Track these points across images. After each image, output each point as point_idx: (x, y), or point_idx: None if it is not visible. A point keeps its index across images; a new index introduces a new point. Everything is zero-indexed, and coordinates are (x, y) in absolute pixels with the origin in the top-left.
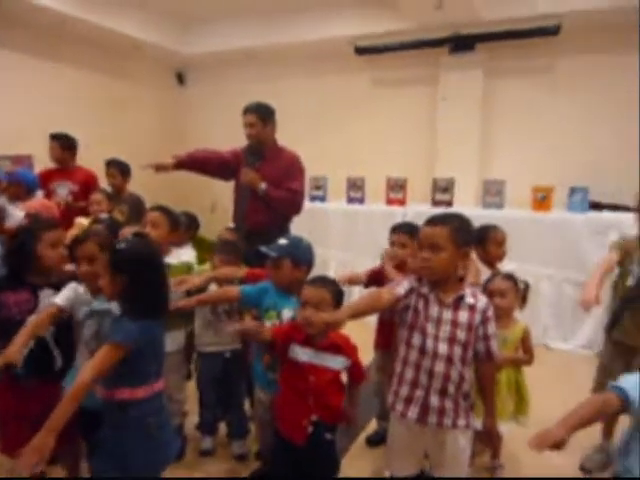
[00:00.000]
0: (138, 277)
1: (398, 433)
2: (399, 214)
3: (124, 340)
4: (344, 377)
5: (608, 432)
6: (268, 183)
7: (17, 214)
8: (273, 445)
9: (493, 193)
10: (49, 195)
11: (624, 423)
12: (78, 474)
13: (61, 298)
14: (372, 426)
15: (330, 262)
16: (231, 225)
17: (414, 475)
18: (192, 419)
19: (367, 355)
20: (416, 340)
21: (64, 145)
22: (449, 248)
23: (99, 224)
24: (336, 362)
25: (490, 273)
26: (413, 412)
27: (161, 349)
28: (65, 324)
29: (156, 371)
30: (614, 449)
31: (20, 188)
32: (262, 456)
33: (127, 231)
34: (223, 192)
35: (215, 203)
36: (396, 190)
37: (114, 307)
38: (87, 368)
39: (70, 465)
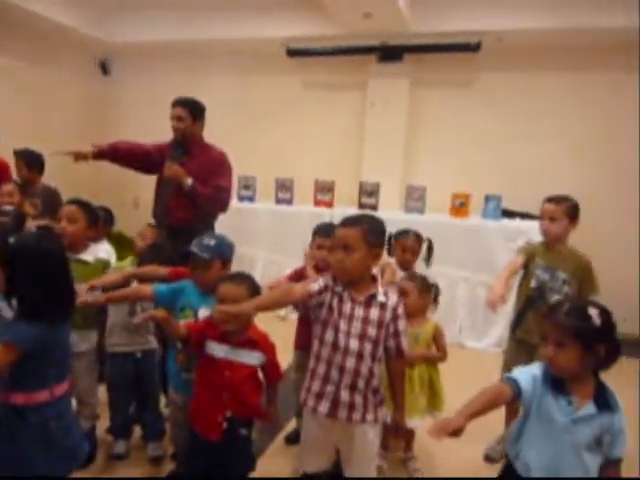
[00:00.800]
0: (27, 273)
1: (310, 428)
2: (326, 216)
3: (14, 341)
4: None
5: (509, 423)
6: (194, 179)
7: None
8: (188, 444)
9: (415, 198)
10: None
11: None
12: None
13: None
14: (292, 425)
15: (258, 262)
16: (152, 222)
17: (325, 470)
18: (105, 423)
19: (289, 355)
20: (329, 336)
21: None
22: (361, 248)
23: (3, 216)
24: (252, 358)
25: (403, 275)
26: (324, 407)
27: (63, 352)
28: None
29: (57, 375)
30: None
31: None
32: (177, 457)
33: (31, 224)
34: (147, 187)
35: (138, 198)
36: (324, 192)
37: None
38: None
39: None
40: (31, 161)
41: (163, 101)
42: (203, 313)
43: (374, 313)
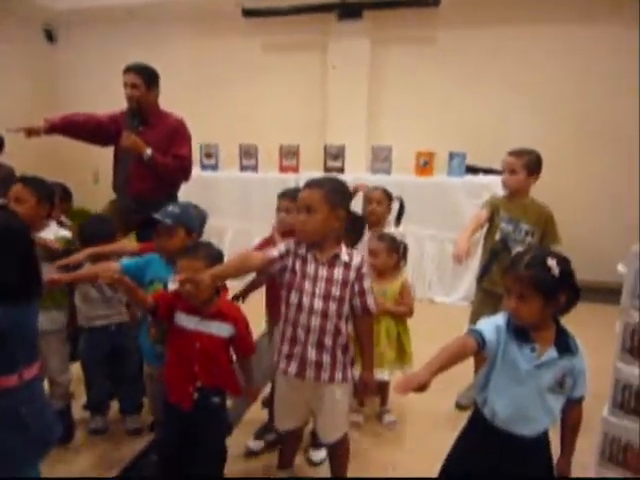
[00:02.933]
0: None
1: (281, 389)
2: (292, 181)
3: None
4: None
5: (479, 372)
6: (152, 149)
7: None
8: (163, 413)
9: (381, 159)
10: None
11: None
12: None
13: None
14: (268, 388)
15: (226, 232)
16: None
17: (298, 427)
18: (80, 401)
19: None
20: (294, 298)
21: None
22: (323, 210)
23: None
24: (221, 329)
25: (370, 234)
26: (293, 367)
27: (31, 333)
28: None
29: (26, 357)
30: (475, 385)
31: None
32: (155, 428)
33: None
34: (106, 161)
35: (97, 173)
36: (289, 157)
37: None
38: None
39: None
40: None
41: (115, 69)
42: (172, 285)
43: (338, 273)
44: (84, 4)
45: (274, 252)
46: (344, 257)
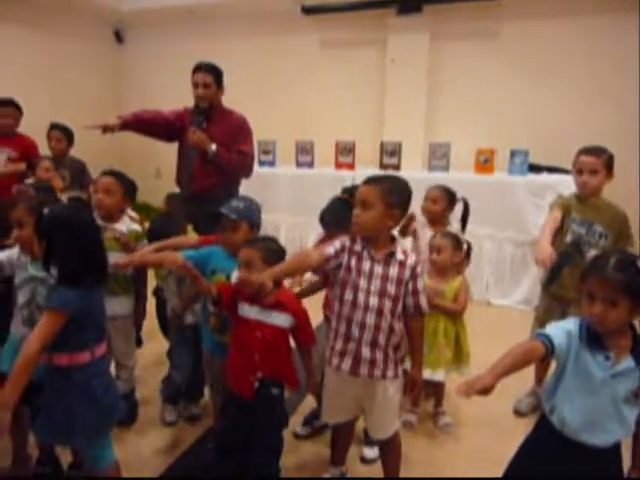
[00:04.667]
0: (61, 242)
1: (332, 384)
2: (348, 178)
3: (61, 306)
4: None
5: (539, 378)
6: (217, 145)
7: None
8: (223, 402)
9: (439, 156)
10: None
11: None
12: (26, 442)
13: (2, 254)
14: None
15: (280, 226)
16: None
17: (348, 421)
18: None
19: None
20: (348, 295)
21: (16, 110)
22: (378, 206)
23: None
24: (281, 319)
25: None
26: (346, 364)
27: (100, 315)
28: None
29: (96, 337)
30: (541, 392)
31: None
32: (215, 414)
33: (63, 196)
34: (168, 157)
35: (160, 168)
36: (345, 154)
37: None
38: (31, 339)
39: (15, 437)
40: (67, 134)
41: (176, 67)
42: (236, 276)
43: (393, 271)
44: (148, 5)
45: (330, 249)
46: (399, 255)
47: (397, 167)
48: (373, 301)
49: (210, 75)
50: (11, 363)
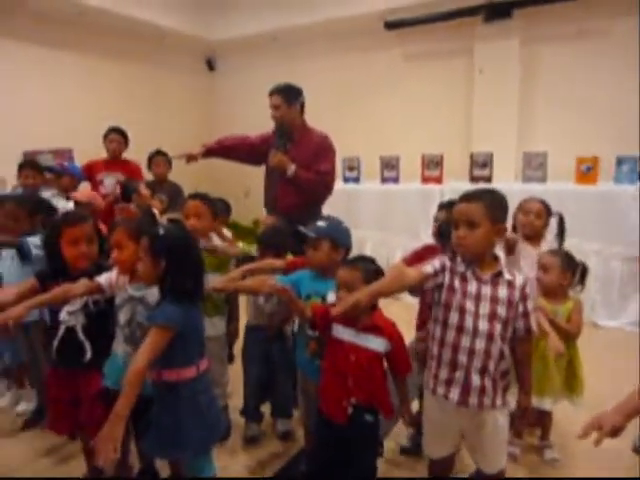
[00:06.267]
0: (177, 261)
1: (433, 414)
2: (436, 192)
3: (168, 322)
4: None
5: None
6: (298, 165)
7: (64, 205)
8: (316, 425)
9: (534, 166)
10: (95, 186)
11: None
12: (126, 456)
13: (103, 277)
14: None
15: (366, 243)
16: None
17: (450, 455)
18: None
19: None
20: (453, 318)
21: (123, 138)
22: (485, 224)
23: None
24: (377, 343)
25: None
26: (454, 394)
27: (202, 331)
28: (99, 314)
29: (200, 351)
30: None
31: (73, 180)
32: (307, 436)
33: (162, 219)
34: (257, 177)
35: (249, 188)
36: (432, 167)
37: (149, 294)
38: (140, 354)
39: (122, 449)
40: (169, 160)
41: (264, 91)
42: (332, 298)
43: (502, 292)
44: (235, 34)
45: (428, 268)
46: (507, 275)
47: (489, 179)
48: (483, 325)
49: (278, 96)
50: (114, 379)
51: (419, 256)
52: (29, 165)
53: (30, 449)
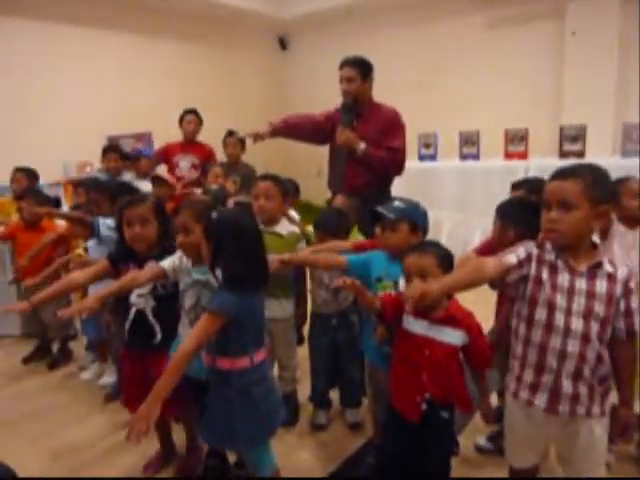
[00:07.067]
0: (228, 246)
1: (518, 421)
2: (520, 169)
3: (221, 309)
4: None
5: None
6: (367, 142)
7: (144, 188)
8: (386, 419)
9: (636, 139)
10: (172, 169)
11: None
12: (196, 437)
13: (166, 262)
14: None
15: (443, 224)
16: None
17: (535, 465)
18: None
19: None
20: (540, 315)
21: (198, 119)
22: (582, 206)
23: (207, 194)
24: (454, 337)
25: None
26: (541, 400)
27: (261, 320)
28: (167, 297)
29: (256, 342)
30: None
31: (150, 162)
32: (376, 428)
33: (231, 201)
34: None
35: (321, 168)
36: (516, 143)
37: (213, 278)
38: (188, 338)
39: (188, 428)
40: (242, 141)
41: (335, 67)
42: (403, 283)
43: (601, 286)
44: (309, 9)
45: (511, 258)
46: (607, 267)
47: (581, 154)
48: (576, 324)
49: (353, 69)
50: None
51: (492, 245)
52: (112, 149)
53: (110, 421)
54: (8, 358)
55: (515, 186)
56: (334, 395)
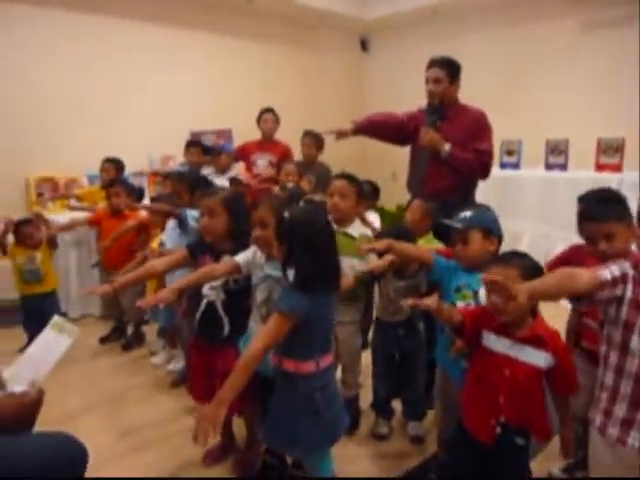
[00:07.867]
0: (298, 246)
1: (603, 460)
2: (614, 182)
3: (292, 309)
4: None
5: None
6: (452, 144)
7: (222, 183)
8: (454, 436)
9: None
10: (249, 166)
11: None
12: (256, 432)
13: (240, 257)
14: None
15: (523, 235)
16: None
17: None
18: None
19: None
20: (636, 344)
21: (275, 117)
22: None
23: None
24: (538, 358)
25: None
26: (635, 439)
27: (329, 325)
28: (238, 291)
29: (322, 347)
30: None
31: (229, 159)
32: (442, 444)
33: (306, 200)
34: (404, 159)
35: (396, 171)
36: (609, 153)
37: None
38: (258, 337)
39: (250, 423)
40: (318, 141)
41: (421, 69)
42: (483, 294)
43: None
44: (391, 10)
45: (605, 273)
46: None
47: None
48: None
49: (442, 70)
50: None
51: (565, 259)
52: (194, 144)
53: (177, 406)
54: (88, 336)
55: (581, 200)
56: (397, 405)
